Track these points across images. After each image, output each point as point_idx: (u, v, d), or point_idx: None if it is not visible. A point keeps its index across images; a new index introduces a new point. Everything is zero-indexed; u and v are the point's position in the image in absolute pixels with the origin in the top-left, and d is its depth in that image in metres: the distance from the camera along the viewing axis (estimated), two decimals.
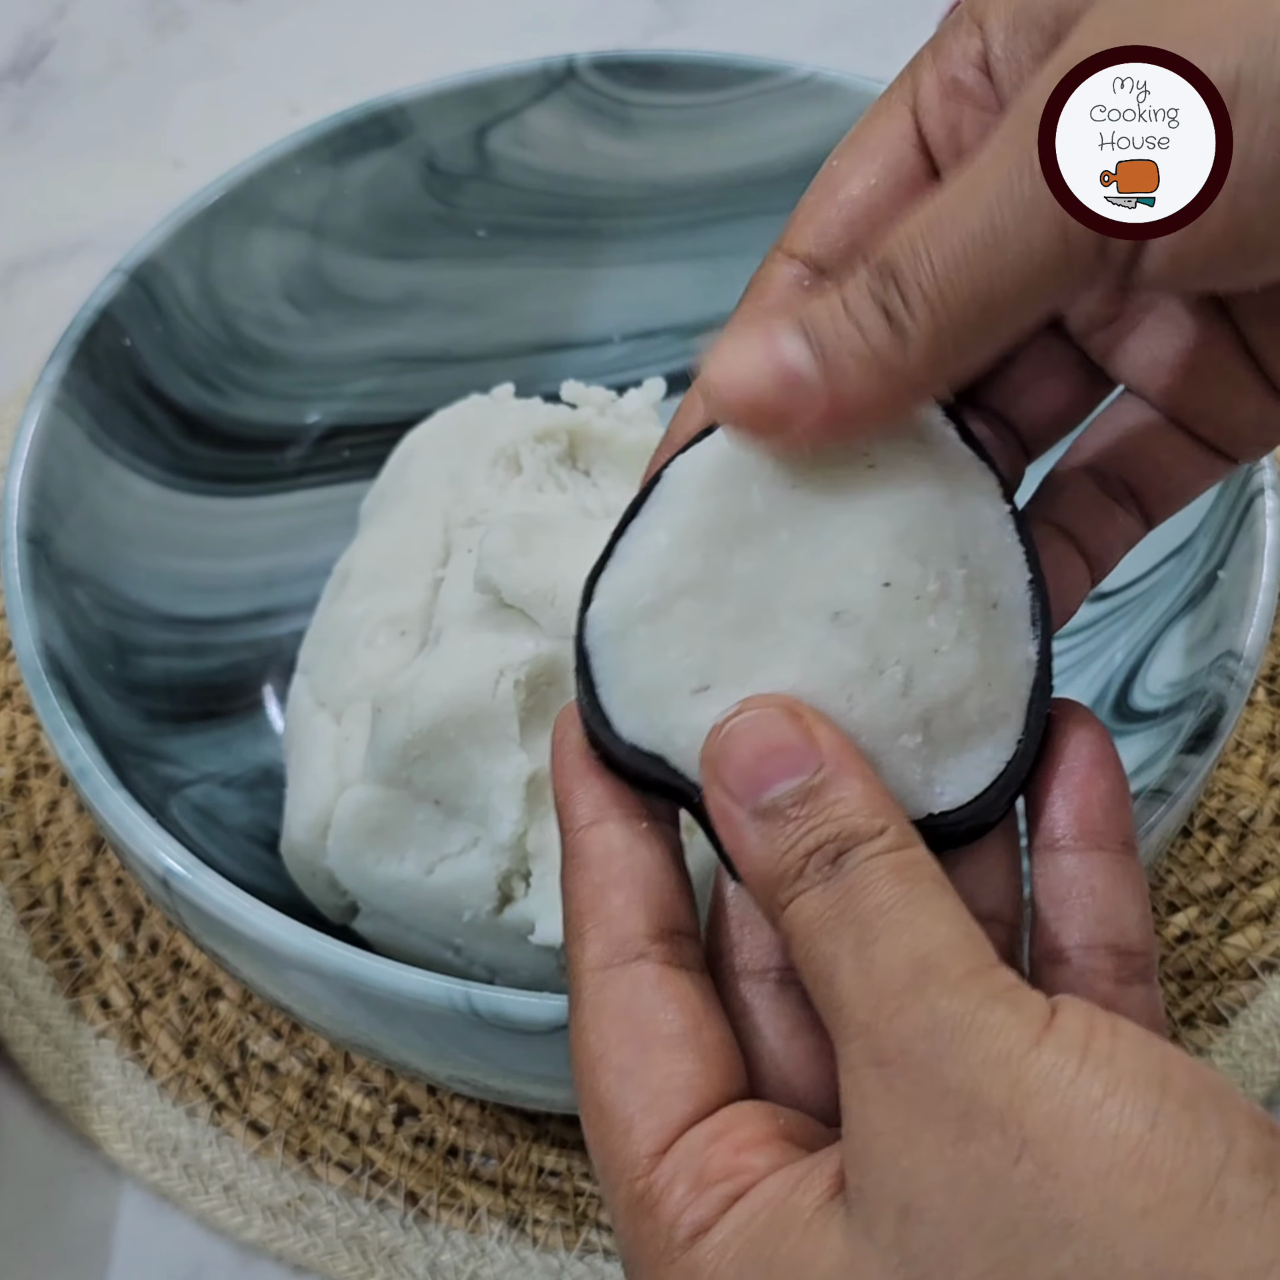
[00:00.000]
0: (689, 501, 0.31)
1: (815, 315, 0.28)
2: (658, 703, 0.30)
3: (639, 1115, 0.28)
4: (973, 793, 0.30)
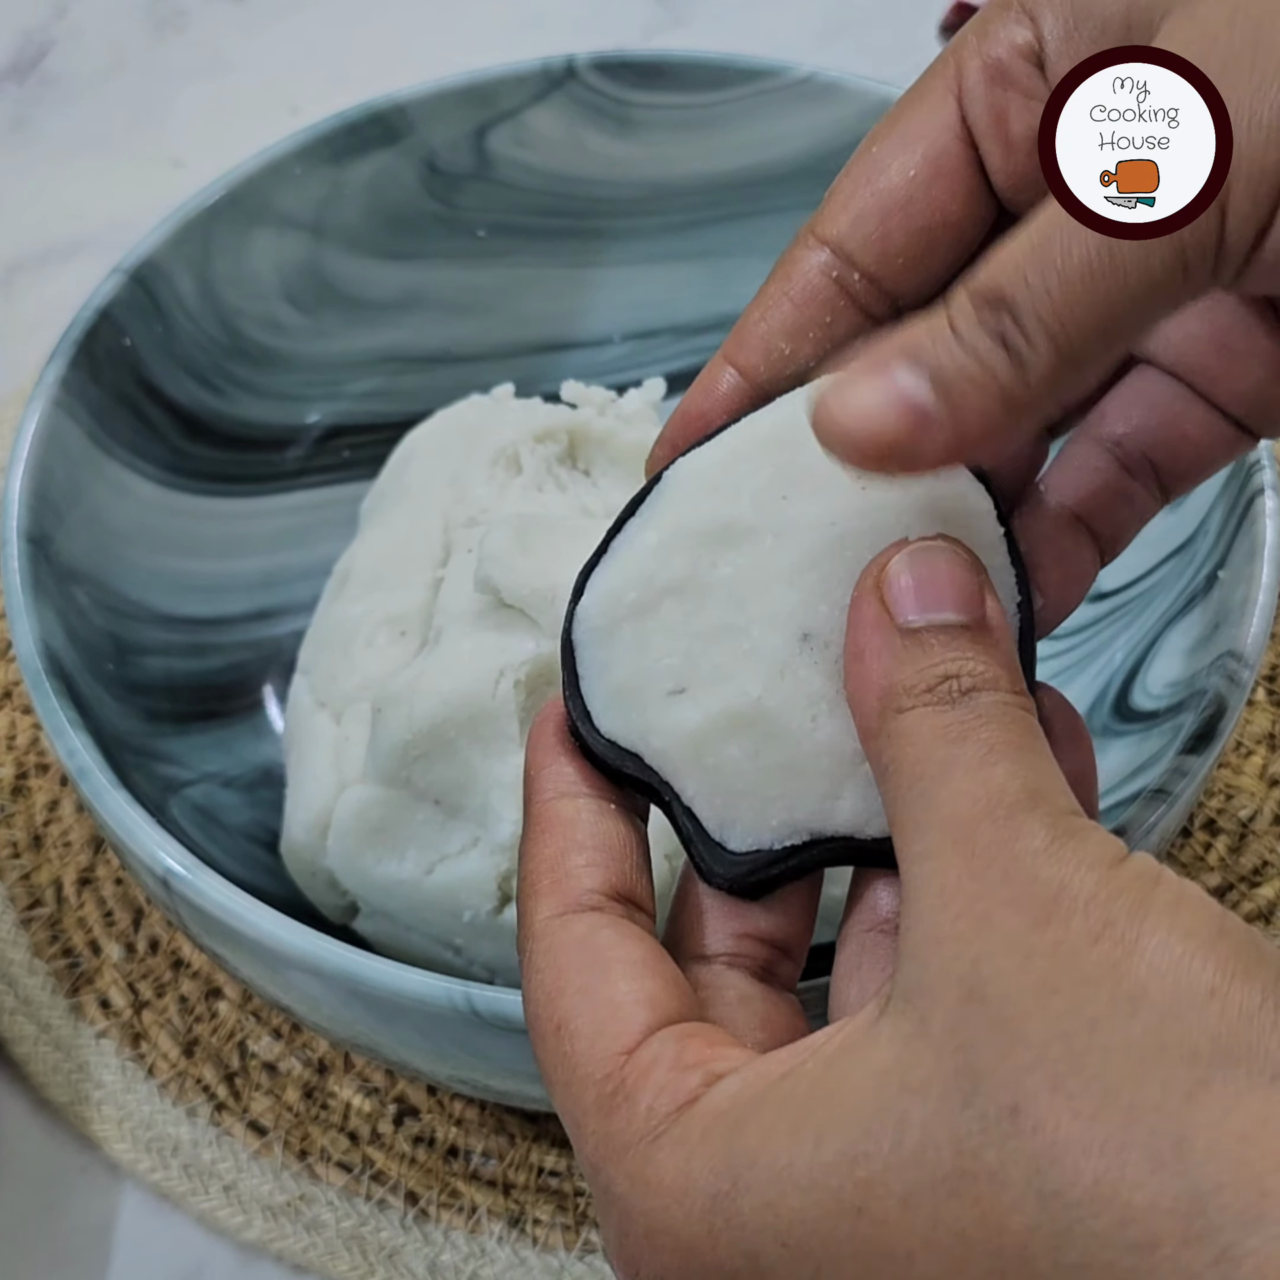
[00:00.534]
0: (682, 503, 0.31)
1: (924, 348, 0.28)
2: (636, 701, 0.31)
3: (604, 1024, 0.28)
4: None
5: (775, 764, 0.30)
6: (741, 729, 0.30)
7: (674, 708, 0.30)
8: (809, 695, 0.30)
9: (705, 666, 0.30)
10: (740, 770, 0.30)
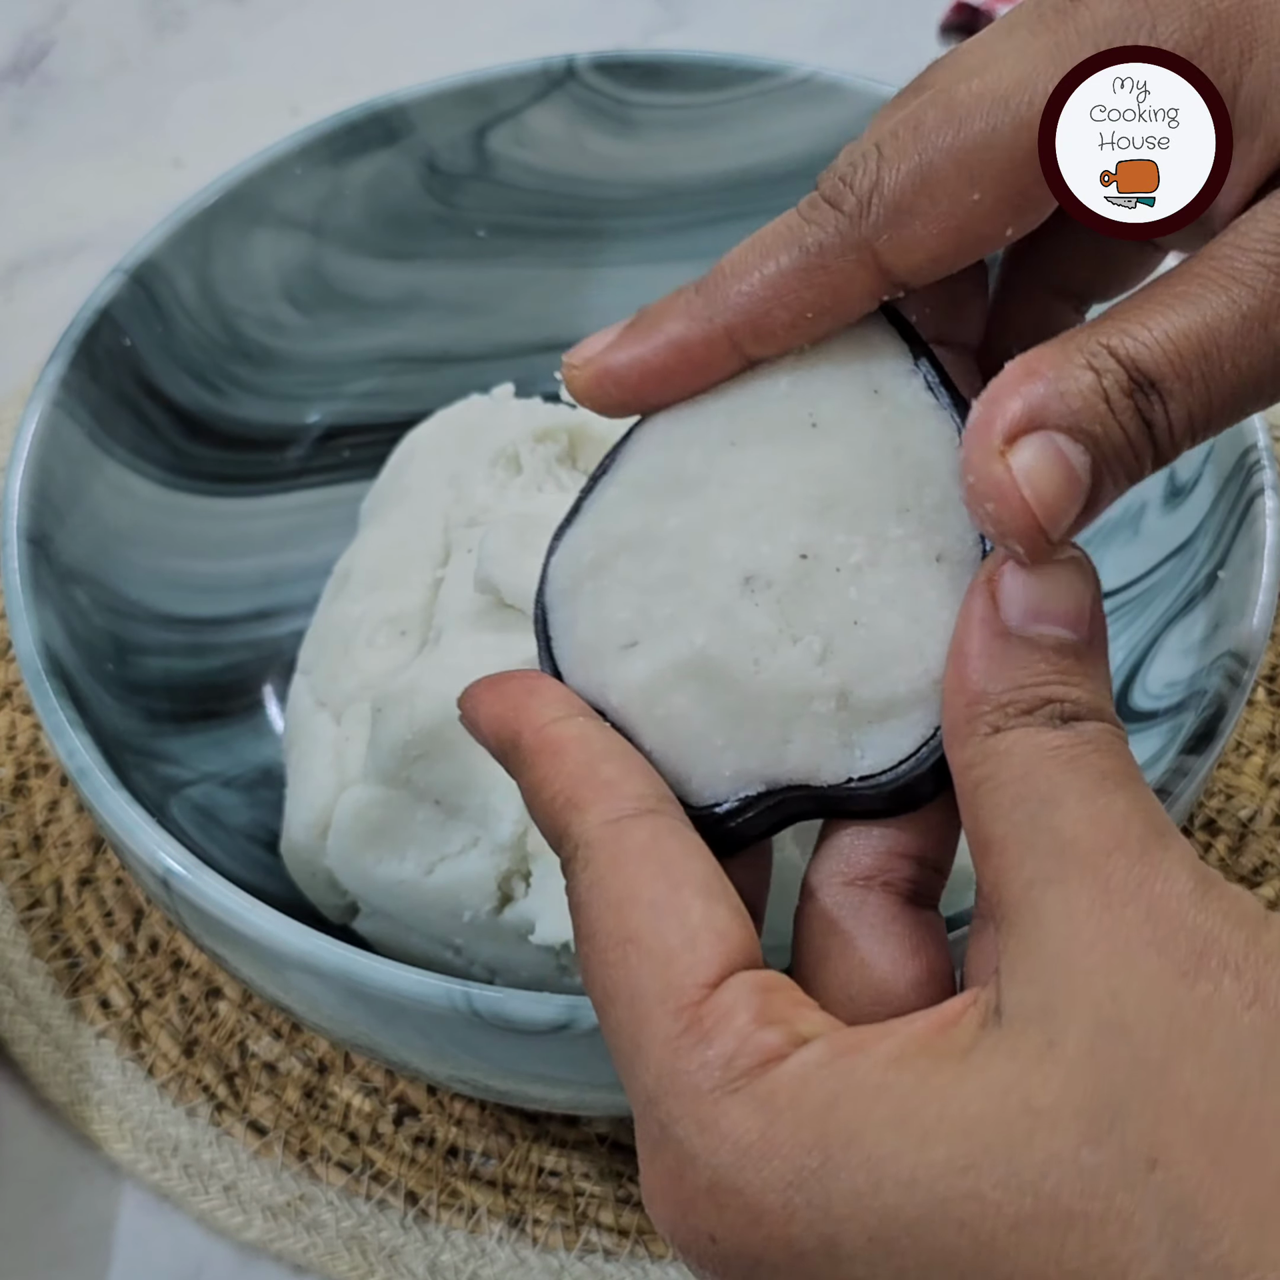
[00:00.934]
0: (639, 458, 0.31)
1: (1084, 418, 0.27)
2: (595, 658, 0.31)
3: (683, 946, 0.26)
4: (896, 757, 0.29)
5: (722, 711, 0.30)
6: (688, 678, 0.30)
7: (626, 661, 0.30)
8: (751, 638, 0.29)
9: (656, 618, 0.30)
10: (689, 720, 0.30)
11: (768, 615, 0.29)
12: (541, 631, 0.32)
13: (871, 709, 0.29)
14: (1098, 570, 0.30)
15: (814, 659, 0.29)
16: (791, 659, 0.29)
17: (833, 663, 0.29)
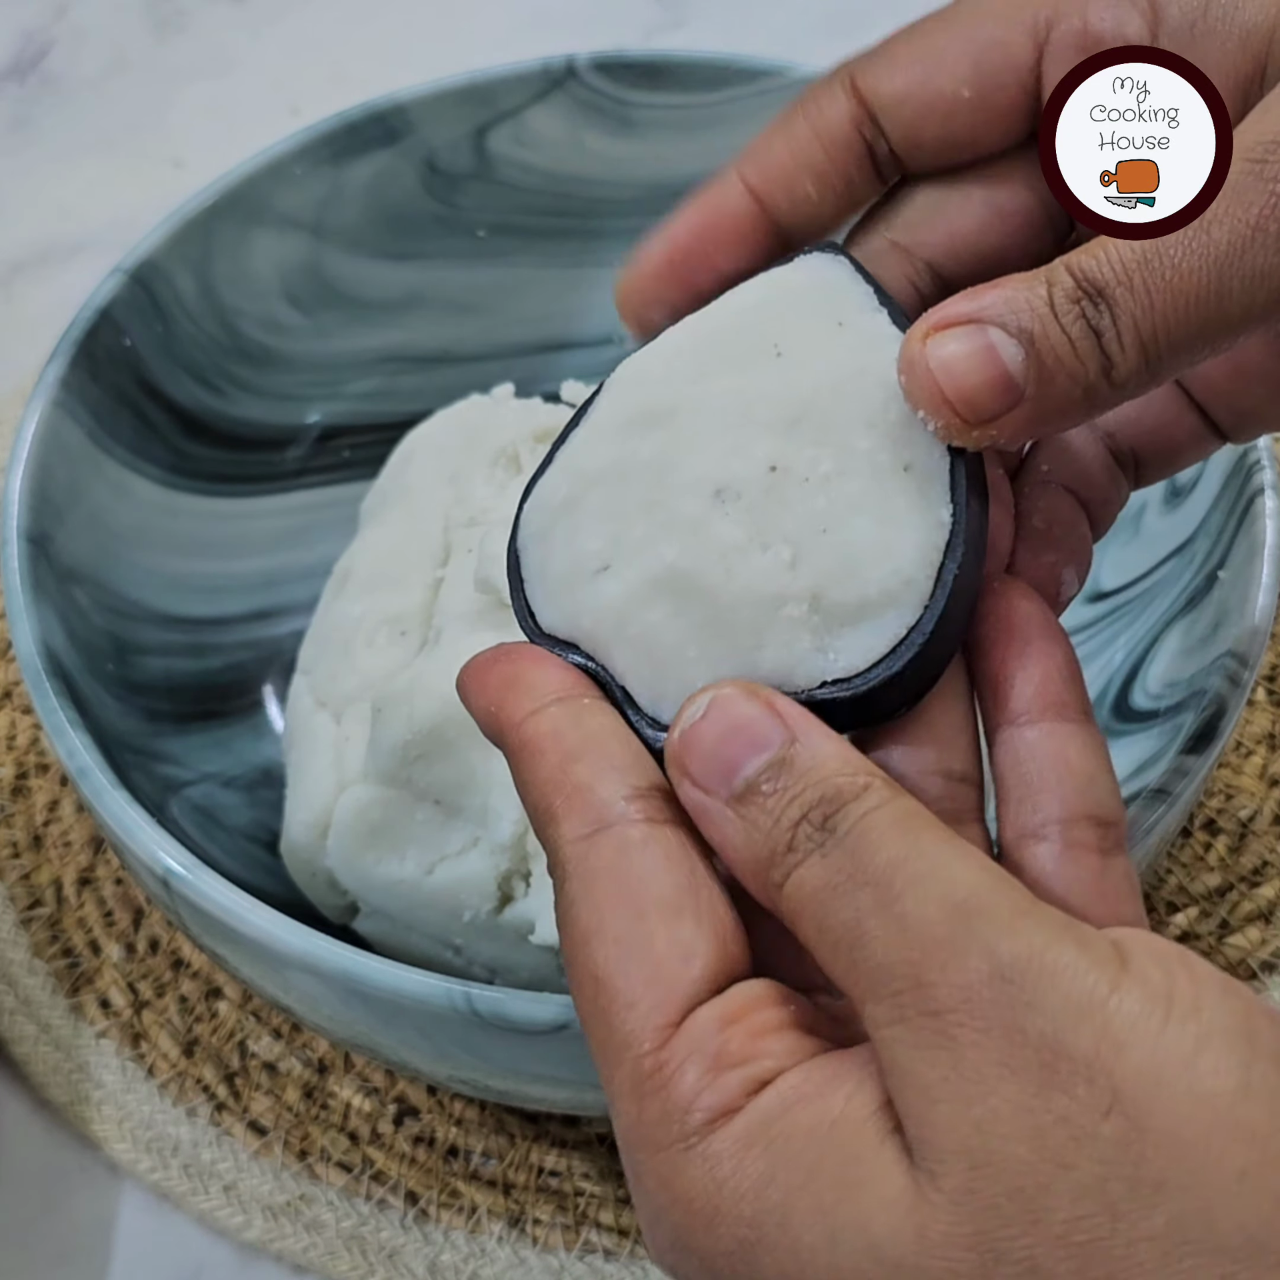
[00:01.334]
0: (613, 399, 0.32)
1: (1024, 317, 0.28)
2: (568, 589, 0.31)
3: (642, 987, 0.27)
4: (870, 659, 0.29)
5: (695, 622, 0.30)
6: (660, 593, 0.30)
7: (598, 584, 0.30)
8: (721, 548, 0.29)
9: (627, 541, 0.30)
10: (662, 635, 0.30)
11: (737, 525, 0.30)
12: (515, 578, 0.32)
13: (844, 611, 0.29)
14: (1093, 569, 0.30)
15: (784, 565, 0.29)
16: (762, 565, 0.29)
17: (803, 568, 0.29)
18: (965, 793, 0.30)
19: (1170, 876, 0.53)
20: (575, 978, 0.28)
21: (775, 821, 0.27)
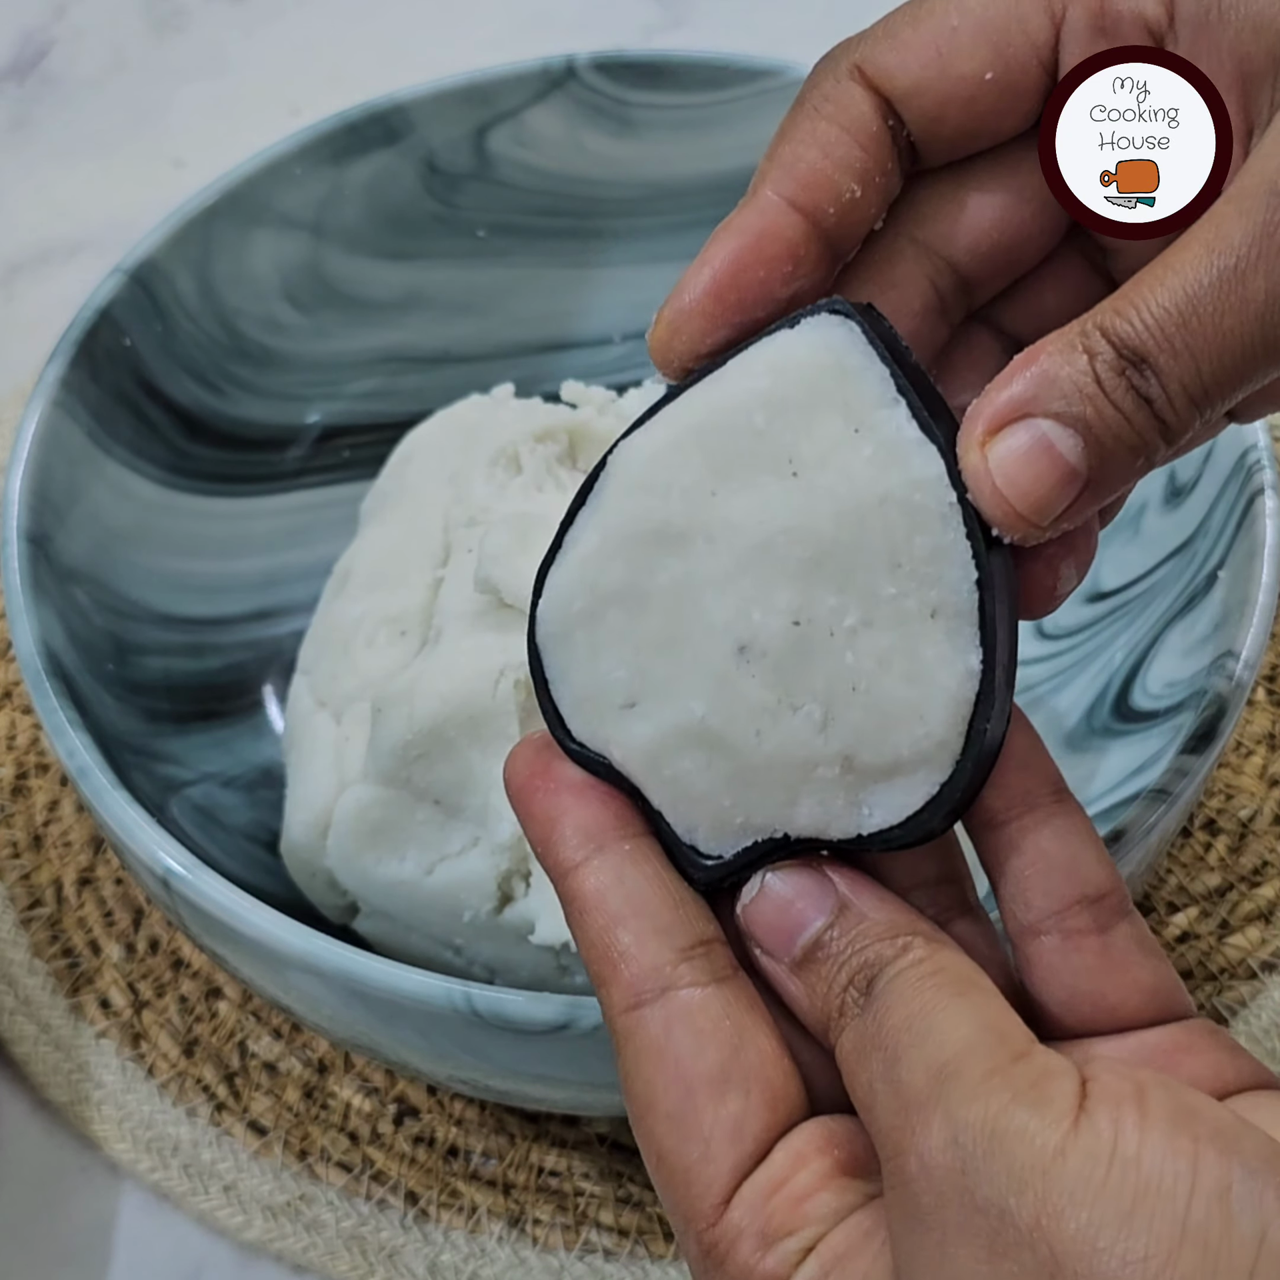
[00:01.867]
0: (619, 500, 0.30)
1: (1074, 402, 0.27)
2: (595, 712, 0.31)
3: (696, 1166, 0.28)
4: (903, 815, 0.29)
5: (727, 775, 0.30)
6: (691, 745, 0.30)
7: (628, 721, 0.30)
8: (750, 709, 0.29)
9: (652, 680, 0.30)
10: (695, 782, 0.30)
11: (765, 686, 0.29)
12: (538, 672, 0.31)
13: (876, 771, 0.29)
14: (1093, 569, 0.29)
15: (815, 727, 0.29)
16: (792, 728, 0.29)
17: (834, 729, 0.29)
18: (946, 892, 0.31)
19: (1170, 876, 0.53)
20: (641, 1145, 0.29)
21: (829, 987, 0.28)
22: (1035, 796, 0.30)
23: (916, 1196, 0.25)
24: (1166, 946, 0.52)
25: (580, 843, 0.30)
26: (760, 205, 0.30)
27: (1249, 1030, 0.50)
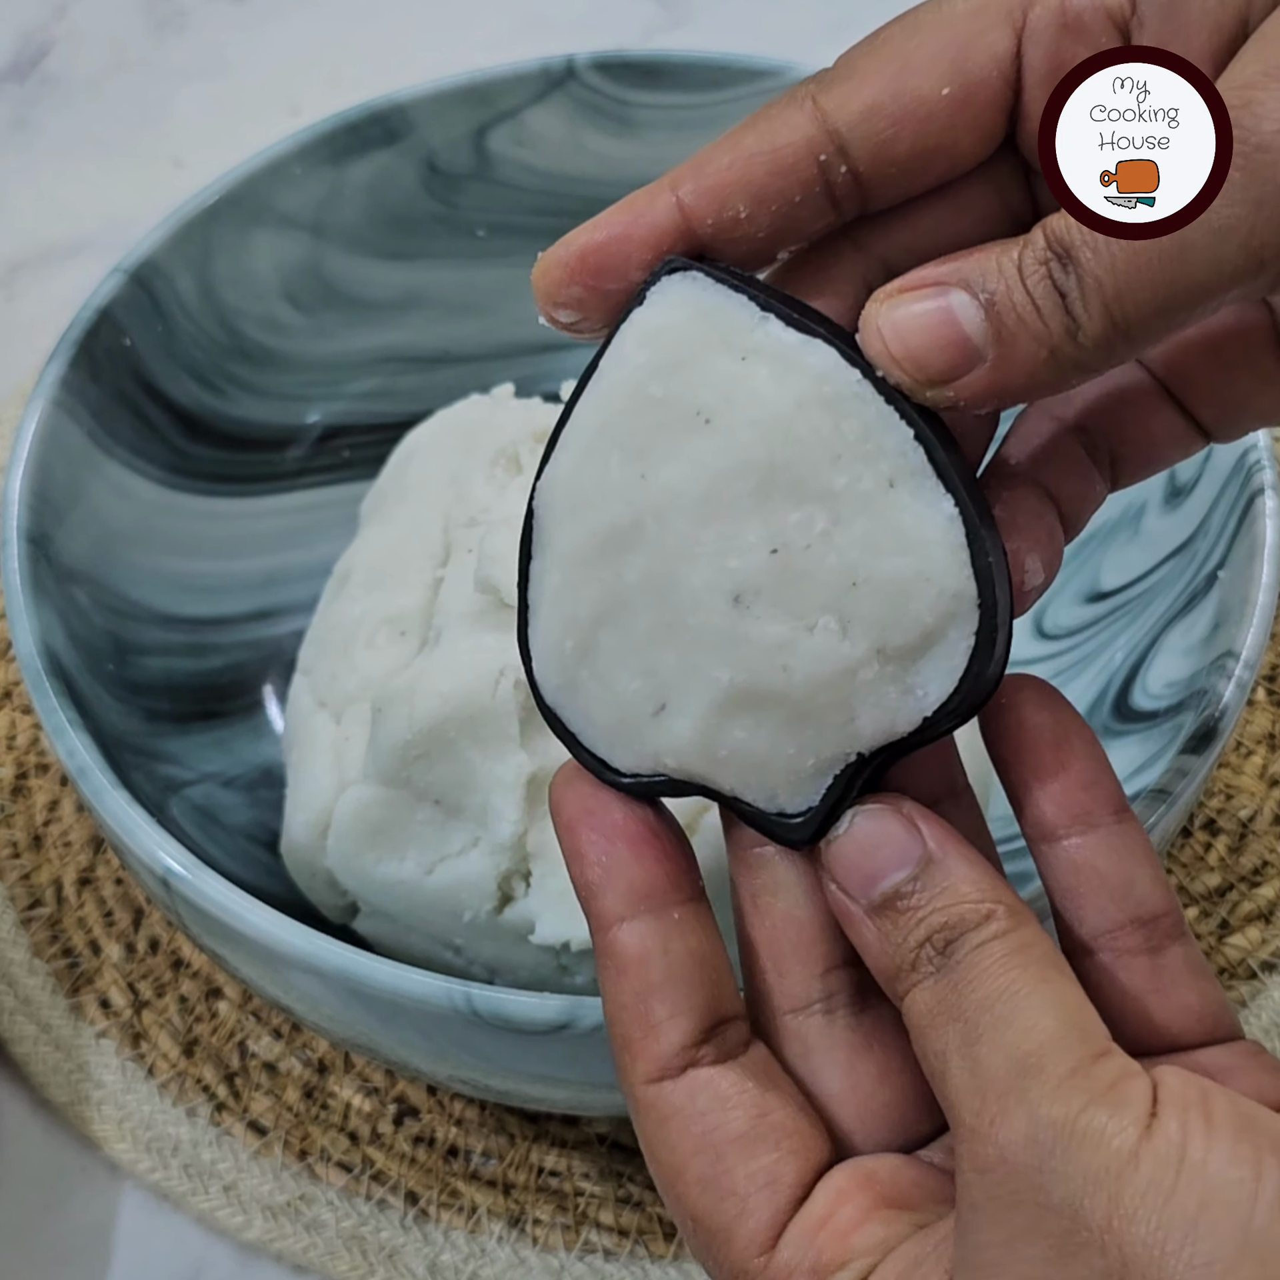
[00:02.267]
0: (558, 531, 0.30)
1: (991, 280, 0.27)
2: (632, 735, 0.30)
3: (735, 1222, 0.28)
4: (956, 678, 0.29)
5: (780, 724, 0.29)
6: (733, 712, 0.30)
7: (665, 724, 0.30)
8: (769, 649, 0.29)
9: (668, 674, 0.30)
10: (754, 747, 0.30)
11: (772, 620, 0.29)
12: (564, 733, 0.31)
13: (911, 649, 0.29)
14: (1093, 569, 0.29)
15: (837, 636, 0.29)
16: (816, 647, 0.29)
17: (854, 630, 0.29)
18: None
19: (1170, 876, 0.53)
20: (674, 1212, 0.30)
21: (905, 938, 0.28)
22: (1096, 816, 0.30)
23: (991, 1189, 0.25)
24: None
25: (631, 901, 0.30)
26: (652, 191, 0.32)
27: (1249, 1030, 0.50)
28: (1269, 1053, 0.30)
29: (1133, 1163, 0.24)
